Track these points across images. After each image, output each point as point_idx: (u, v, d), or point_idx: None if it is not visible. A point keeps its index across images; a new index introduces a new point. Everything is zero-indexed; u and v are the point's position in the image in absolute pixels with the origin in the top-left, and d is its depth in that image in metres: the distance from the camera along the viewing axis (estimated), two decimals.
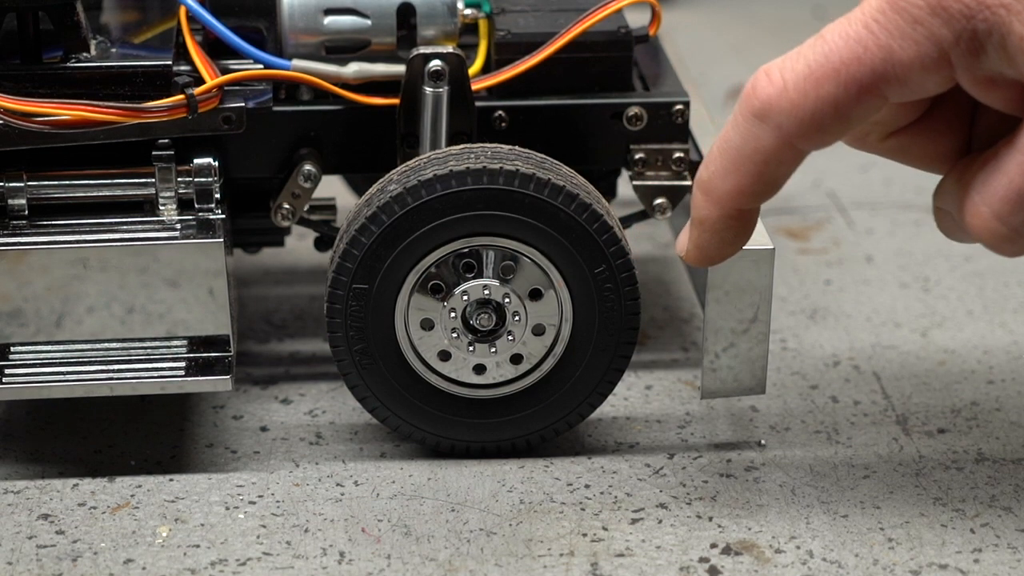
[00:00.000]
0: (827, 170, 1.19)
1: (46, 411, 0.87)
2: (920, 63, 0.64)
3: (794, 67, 0.66)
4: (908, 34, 0.64)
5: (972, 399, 0.89)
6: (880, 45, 0.64)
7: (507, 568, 0.74)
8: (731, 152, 0.69)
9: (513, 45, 0.85)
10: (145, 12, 0.89)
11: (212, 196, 0.81)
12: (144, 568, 0.74)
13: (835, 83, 0.65)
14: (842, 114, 0.66)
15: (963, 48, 0.63)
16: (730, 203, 0.70)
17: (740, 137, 0.68)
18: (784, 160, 0.68)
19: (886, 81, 0.65)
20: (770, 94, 0.67)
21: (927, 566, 0.75)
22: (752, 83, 0.68)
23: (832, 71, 0.65)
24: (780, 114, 0.67)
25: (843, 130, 0.67)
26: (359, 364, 0.80)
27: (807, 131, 0.67)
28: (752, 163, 0.68)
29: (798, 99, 0.66)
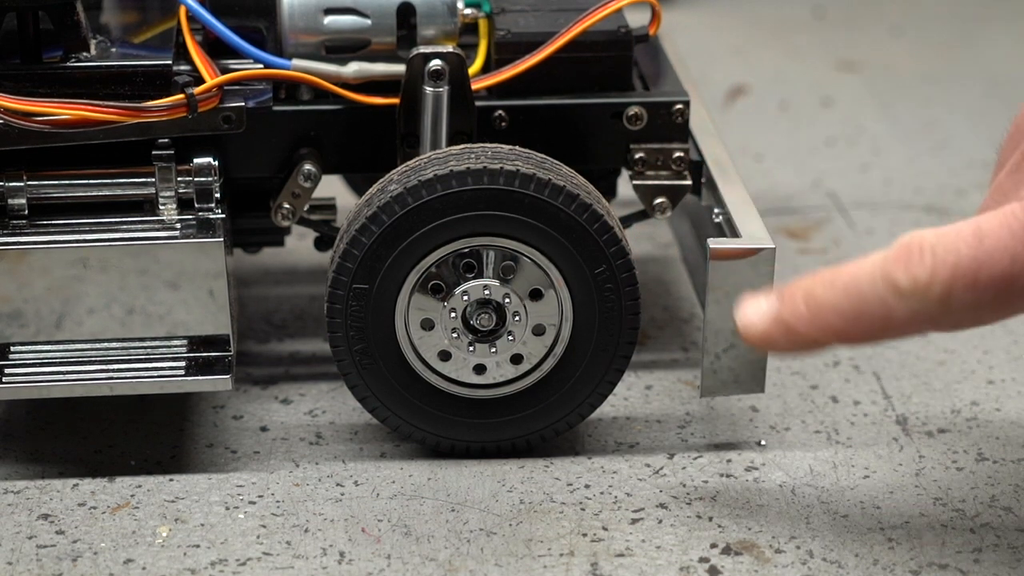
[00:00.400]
0: (827, 170, 1.19)
1: (46, 411, 0.87)
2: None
3: (946, 257, 0.66)
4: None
5: (972, 399, 0.89)
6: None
7: (507, 568, 0.74)
8: (856, 301, 0.68)
9: (513, 45, 0.85)
10: (145, 12, 0.89)
11: (212, 196, 0.81)
12: (144, 568, 0.74)
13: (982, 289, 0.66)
14: (982, 318, 0.67)
15: None
16: (830, 340, 0.70)
17: (873, 296, 0.68)
18: (905, 335, 0.69)
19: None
20: (918, 277, 0.66)
21: (927, 566, 0.75)
22: (906, 250, 0.67)
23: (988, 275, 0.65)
24: (919, 302, 0.66)
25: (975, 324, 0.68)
26: (359, 364, 0.80)
27: (940, 327, 0.68)
28: (871, 323, 0.68)
29: (944, 295, 0.66)
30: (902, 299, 0.67)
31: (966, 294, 0.66)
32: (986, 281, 0.65)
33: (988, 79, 1.37)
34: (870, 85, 1.36)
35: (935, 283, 0.66)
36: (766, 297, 0.72)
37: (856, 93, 1.34)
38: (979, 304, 0.66)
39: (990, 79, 1.37)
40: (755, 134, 1.26)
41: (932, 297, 0.66)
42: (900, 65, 1.40)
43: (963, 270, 0.66)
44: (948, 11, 1.54)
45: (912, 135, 1.26)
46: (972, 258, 0.66)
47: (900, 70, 1.39)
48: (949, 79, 1.37)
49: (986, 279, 0.65)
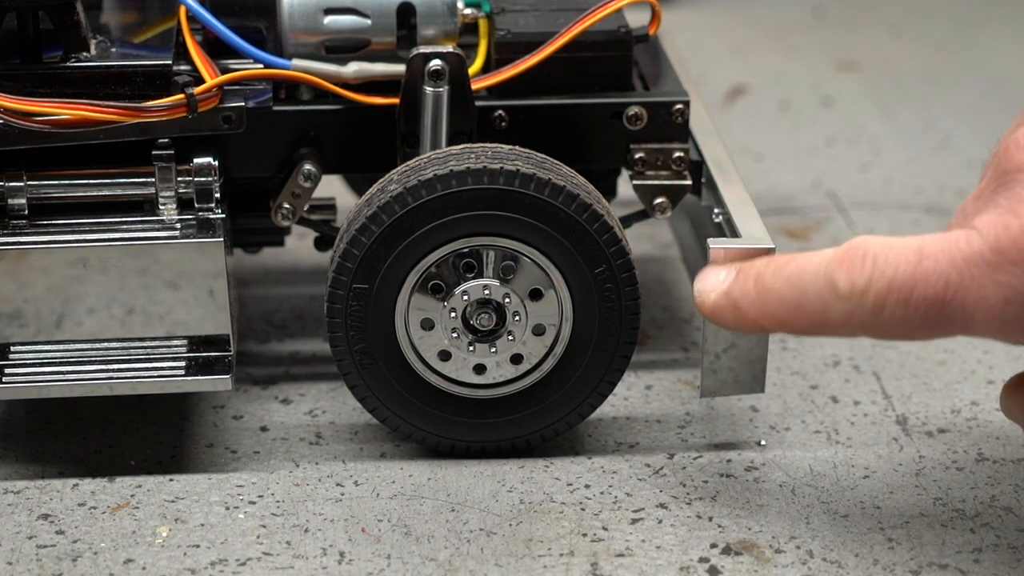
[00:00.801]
0: (827, 170, 1.19)
1: (46, 411, 0.87)
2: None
3: (885, 268, 0.68)
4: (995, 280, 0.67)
5: (972, 399, 0.89)
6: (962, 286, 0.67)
7: (507, 568, 0.74)
8: (797, 293, 0.71)
9: (513, 45, 0.85)
10: (145, 12, 0.89)
11: (212, 196, 0.81)
12: (144, 568, 0.74)
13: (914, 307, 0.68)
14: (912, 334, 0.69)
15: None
16: (771, 326, 0.72)
17: (814, 291, 0.70)
18: (839, 335, 0.71)
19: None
20: (855, 282, 0.68)
21: (927, 566, 0.75)
22: (850, 254, 0.69)
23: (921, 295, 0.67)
24: (854, 306, 0.68)
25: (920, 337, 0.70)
26: (359, 364, 0.80)
27: (871, 334, 0.69)
28: (808, 317, 0.71)
29: (877, 305, 0.68)
30: (838, 300, 0.69)
31: (898, 308, 0.68)
32: (918, 300, 0.67)
33: (988, 79, 1.37)
34: (870, 85, 1.36)
35: (870, 291, 0.68)
36: (725, 269, 0.75)
37: (856, 93, 1.34)
38: (909, 320, 0.68)
39: (990, 79, 1.37)
40: (755, 134, 1.26)
41: (866, 304, 0.68)
42: (900, 65, 1.40)
43: (898, 284, 0.68)
44: (948, 11, 1.54)
45: (912, 135, 1.26)
46: (909, 275, 0.68)
47: (900, 70, 1.39)
48: (949, 79, 1.37)
49: (919, 298, 0.67)
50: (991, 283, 0.66)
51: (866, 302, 0.68)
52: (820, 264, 0.70)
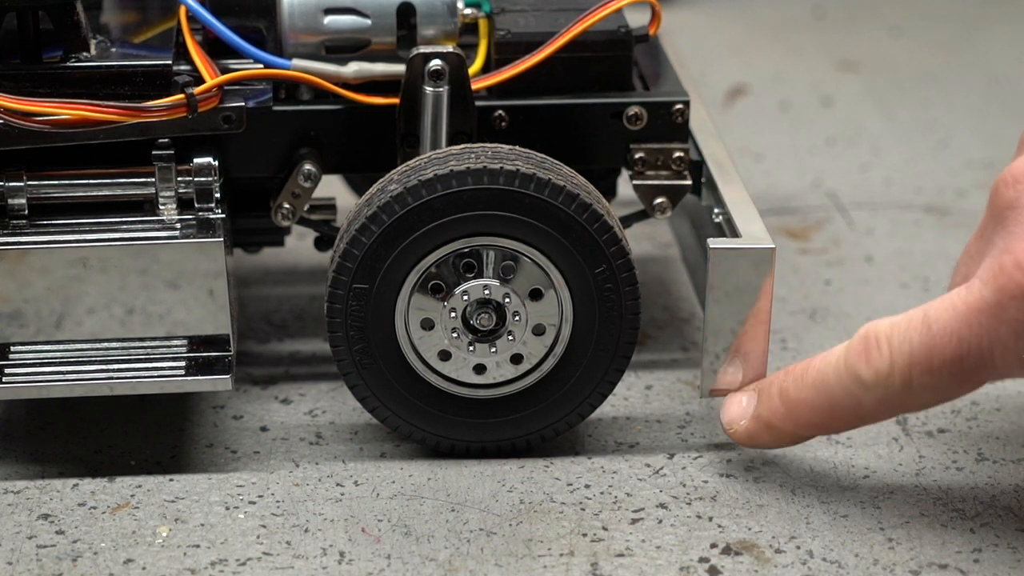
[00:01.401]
0: (827, 170, 1.19)
1: (46, 411, 0.87)
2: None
3: (901, 346, 0.70)
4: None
5: (972, 399, 0.89)
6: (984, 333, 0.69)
7: (507, 568, 0.74)
8: (826, 396, 0.73)
9: (513, 45, 0.85)
10: (145, 12, 0.89)
11: (212, 196, 0.81)
12: (144, 568, 0.74)
13: (937, 372, 0.70)
14: (946, 395, 0.71)
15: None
16: (810, 433, 0.75)
17: (840, 390, 0.72)
18: (877, 420, 0.74)
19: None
20: (879, 369, 0.71)
21: (927, 566, 0.75)
22: (864, 344, 0.71)
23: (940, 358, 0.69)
24: (884, 391, 0.71)
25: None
26: (359, 364, 0.80)
27: (908, 409, 0.72)
28: (844, 415, 0.73)
29: (904, 382, 0.70)
30: (867, 391, 0.72)
31: (924, 378, 0.70)
32: (939, 364, 0.69)
33: (988, 79, 1.37)
34: (870, 85, 1.36)
35: (895, 373, 0.71)
36: (745, 394, 0.78)
37: (856, 93, 1.34)
38: (938, 386, 0.70)
39: (990, 79, 1.37)
40: (755, 134, 1.26)
41: (895, 385, 0.71)
42: (900, 65, 1.40)
43: (918, 357, 0.70)
44: (948, 11, 1.54)
45: (912, 135, 1.25)
46: (924, 345, 0.70)
47: (900, 70, 1.39)
48: (949, 79, 1.37)
49: (939, 362, 0.69)
50: (1000, 324, 0.68)
51: (893, 384, 0.71)
52: (839, 362, 0.72)
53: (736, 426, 0.78)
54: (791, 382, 0.75)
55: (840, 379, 0.73)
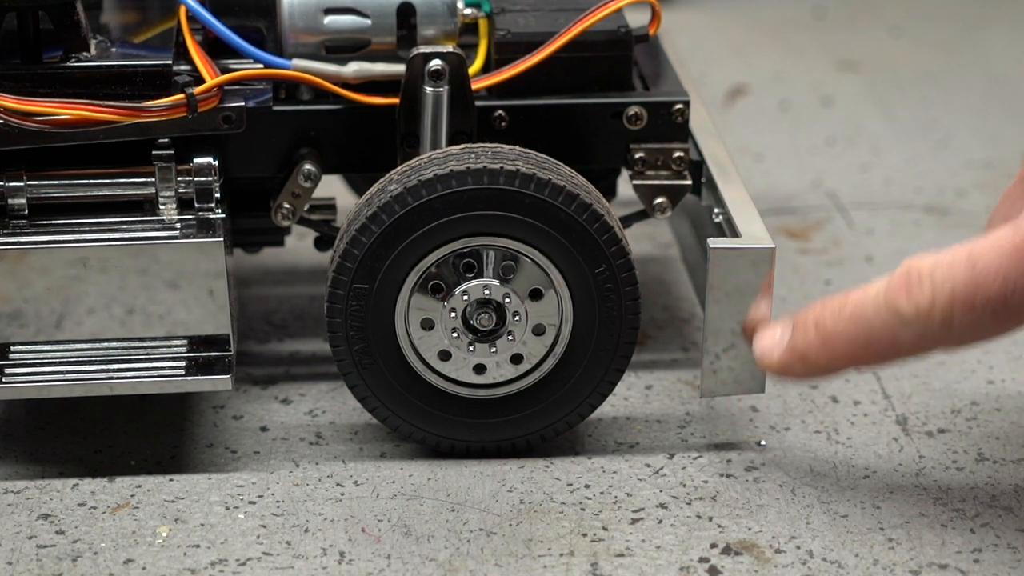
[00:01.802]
0: (827, 170, 1.19)
1: (46, 411, 0.87)
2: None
3: (944, 283, 0.69)
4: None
5: (972, 399, 0.89)
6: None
7: (507, 568, 0.74)
8: (864, 329, 0.72)
9: (513, 45, 0.85)
10: (145, 12, 0.89)
11: (212, 195, 0.81)
12: (144, 568, 0.74)
13: (980, 310, 0.69)
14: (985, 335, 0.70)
15: None
16: (843, 366, 0.74)
17: (879, 323, 0.71)
18: (913, 356, 0.72)
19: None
20: (920, 304, 0.70)
21: (927, 566, 0.75)
22: (906, 278, 0.70)
23: (984, 297, 0.68)
24: (924, 326, 0.70)
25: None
26: (359, 364, 0.80)
27: (946, 346, 0.71)
28: (880, 349, 0.72)
29: (945, 319, 0.69)
30: (907, 325, 0.70)
31: (966, 316, 0.69)
32: (983, 302, 0.68)
33: (988, 79, 1.37)
34: (870, 85, 1.36)
35: (936, 309, 0.69)
36: (780, 326, 0.77)
37: (856, 93, 1.34)
38: (979, 323, 0.69)
39: (990, 79, 1.37)
40: (755, 134, 1.26)
41: (935, 321, 0.70)
42: (900, 65, 1.40)
43: (960, 294, 0.69)
44: (948, 11, 1.54)
45: (912, 135, 1.25)
46: (968, 282, 0.69)
47: (900, 70, 1.39)
48: (949, 79, 1.37)
49: (982, 300, 0.68)
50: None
51: (934, 320, 0.70)
52: (878, 296, 0.71)
53: (769, 356, 0.77)
54: (828, 314, 0.74)
55: (879, 313, 0.72)
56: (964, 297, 0.69)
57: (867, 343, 0.73)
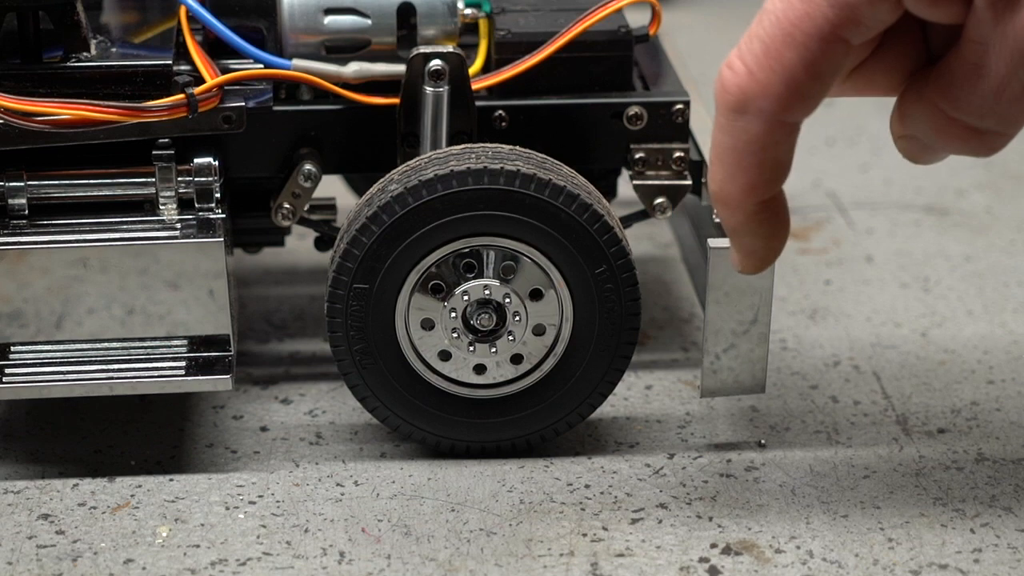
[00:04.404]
0: (827, 170, 1.19)
1: (46, 411, 0.87)
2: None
3: (751, 49, 0.66)
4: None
5: (972, 399, 0.89)
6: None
7: (507, 568, 0.74)
8: (727, 154, 0.68)
9: (513, 45, 0.85)
10: (145, 12, 0.89)
11: (212, 195, 0.81)
12: (144, 568, 0.74)
13: (795, 47, 0.65)
14: (815, 73, 0.65)
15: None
16: (749, 201, 0.70)
17: (730, 137, 0.68)
18: (780, 139, 0.68)
19: (842, 26, 0.64)
20: (739, 84, 0.66)
21: (927, 566, 0.75)
22: (719, 81, 0.67)
23: (788, 37, 0.65)
24: (757, 99, 0.66)
25: (822, 88, 0.66)
26: (359, 364, 0.80)
27: (789, 103, 0.66)
28: (752, 156, 0.68)
29: (767, 77, 0.65)
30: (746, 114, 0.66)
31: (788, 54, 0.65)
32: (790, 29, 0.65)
33: None
34: None
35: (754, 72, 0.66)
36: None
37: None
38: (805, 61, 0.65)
39: None
40: None
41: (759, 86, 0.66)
42: None
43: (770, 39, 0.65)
44: None
45: None
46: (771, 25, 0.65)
47: None
48: None
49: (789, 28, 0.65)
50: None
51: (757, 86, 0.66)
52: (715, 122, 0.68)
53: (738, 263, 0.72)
54: (709, 181, 0.70)
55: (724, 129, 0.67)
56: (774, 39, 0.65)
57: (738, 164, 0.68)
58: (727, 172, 0.68)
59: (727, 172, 0.68)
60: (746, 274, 0.73)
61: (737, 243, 0.71)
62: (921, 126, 0.69)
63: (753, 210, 0.69)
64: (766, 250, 0.72)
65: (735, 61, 0.66)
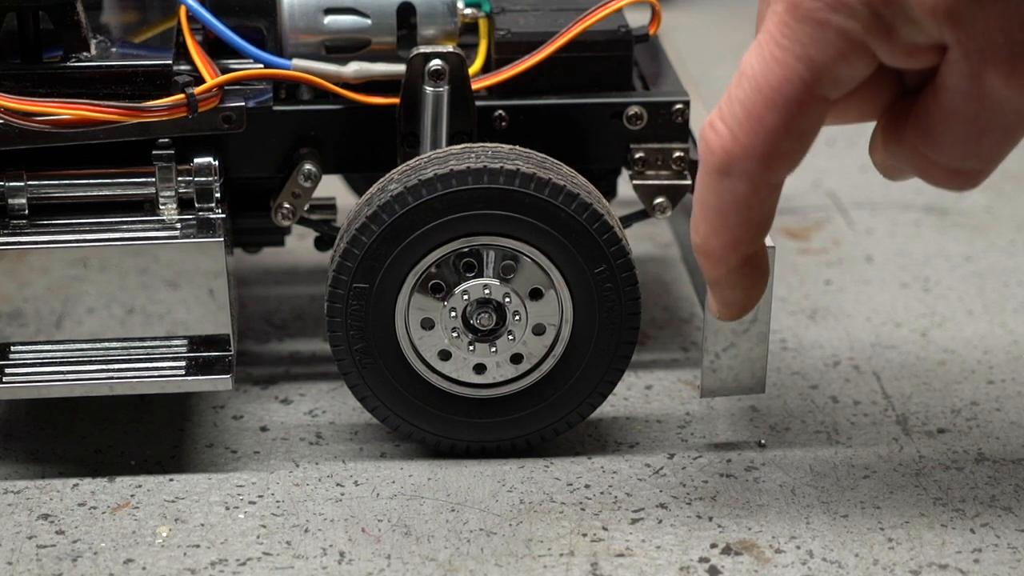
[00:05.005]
0: (827, 170, 1.19)
1: (46, 411, 0.87)
2: (842, 59, 0.64)
3: (732, 112, 0.67)
4: (819, 38, 0.64)
5: (972, 399, 0.89)
6: (798, 57, 0.65)
7: (507, 568, 0.74)
8: (712, 212, 0.69)
9: (513, 44, 0.85)
10: (145, 12, 0.89)
11: (212, 195, 0.81)
12: (144, 568, 0.74)
13: (775, 111, 0.66)
14: (797, 133, 0.66)
15: (875, 33, 0.64)
16: (732, 256, 0.71)
17: (715, 196, 0.69)
18: (765, 198, 0.69)
19: (819, 86, 0.65)
20: (724, 146, 0.67)
21: (927, 566, 0.75)
22: (702, 141, 0.68)
23: (768, 101, 0.66)
24: (741, 161, 0.67)
25: (805, 145, 0.67)
26: (359, 364, 0.80)
27: (773, 164, 0.67)
28: (736, 215, 0.69)
29: (750, 140, 0.66)
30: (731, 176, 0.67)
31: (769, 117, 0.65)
32: (769, 92, 0.65)
33: None
34: None
35: (737, 135, 0.66)
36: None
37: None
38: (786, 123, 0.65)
39: None
40: None
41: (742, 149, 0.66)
42: None
43: (750, 103, 0.65)
44: None
45: None
46: (751, 89, 0.66)
47: None
48: None
49: (768, 91, 0.65)
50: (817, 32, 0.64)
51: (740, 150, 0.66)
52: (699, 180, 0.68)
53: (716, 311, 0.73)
54: (693, 234, 0.71)
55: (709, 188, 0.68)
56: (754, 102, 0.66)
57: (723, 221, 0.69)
58: (711, 228, 0.70)
59: (711, 228, 0.70)
60: (724, 321, 0.75)
61: (717, 294, 0.72)
62: (903, 165, 0.70)
63: (736, 264, 0.71)
64: (745, 300, 0.73)
65: (717, 123, 0.67)
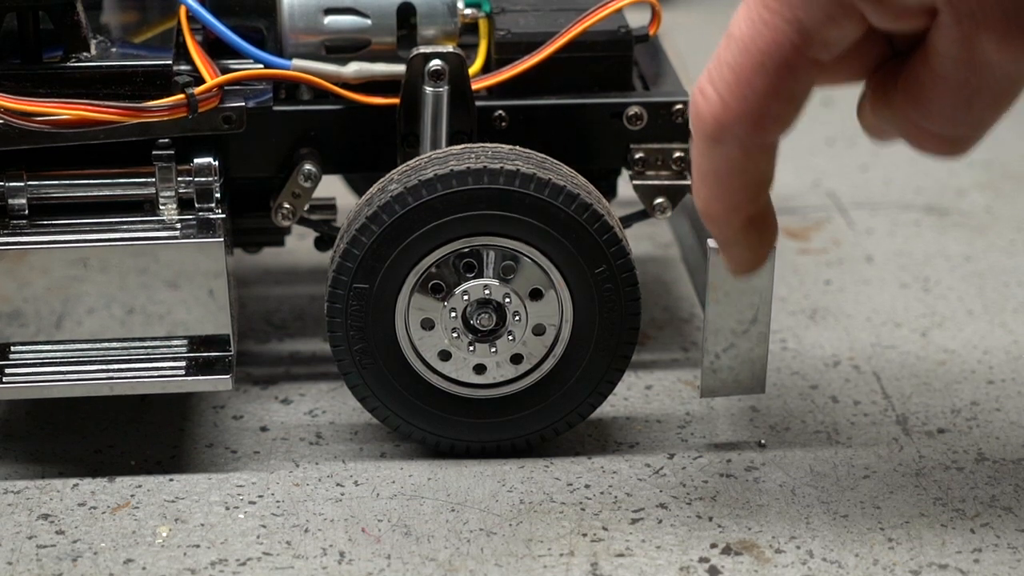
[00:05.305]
0: (827, 170, 1.19)
1: (46, 411, 0.87)
2: (831, 21, 0.64)
3: (722, 76, 0.66)
4: (808, 0, 0.63)
5: (972, 399, 0.89)
6: (788, 20, 0.64)
7: (507, 568, 0.74)
8: (709, 177, 0.69)
9: (513, 45, 0.85)
10: (145, 12, 0.89)
11: (212, 195, 0.81)
12: (144, 568, 0.74)
13: (764, 74, 0.65)
14: (787, 96, 0.66)
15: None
16: (735, 218, 0.70)
17: (710, 161, 0.68)
18: (760, 159, 0.68)
19: (809, 48, 0.64)
20: (714, 112, 0.66)
21: (927, 566, 0.75)
22: (693, 108, 0.67)
23: (756, 64, 0.65)
24: (732, 127, 0.66)
25: (796, 107, 0.67)
26: (359, 364, 0.80)
27: (765, 127, 0.67)
28: (733, 178, 0.68)
29: (740, 105, 0.66)
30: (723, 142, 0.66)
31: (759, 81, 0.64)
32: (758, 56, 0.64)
33: None
34: None
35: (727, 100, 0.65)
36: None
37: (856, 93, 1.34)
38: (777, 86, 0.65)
39: None
40: None
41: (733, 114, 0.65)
42: None
43: (739, 67, 0.65)
44: None
45: None
46: (739, 52, 0.65)
47: None
48: None
49: (756, 55, 0.64)
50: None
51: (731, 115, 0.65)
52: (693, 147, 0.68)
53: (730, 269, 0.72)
54: (695, 199, 0.70)
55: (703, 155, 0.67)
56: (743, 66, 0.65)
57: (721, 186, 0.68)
58: (710, 193, 0.69)
59: (710, 193, 0.69)
60: (740, 277, 0.73)
61: (727, 253, 0.72)
62: (892, 130, 0.69)
63: (740, 225, 0.70)
64: (755, 257, 0.72)
65: (707, 88, 0.66)
